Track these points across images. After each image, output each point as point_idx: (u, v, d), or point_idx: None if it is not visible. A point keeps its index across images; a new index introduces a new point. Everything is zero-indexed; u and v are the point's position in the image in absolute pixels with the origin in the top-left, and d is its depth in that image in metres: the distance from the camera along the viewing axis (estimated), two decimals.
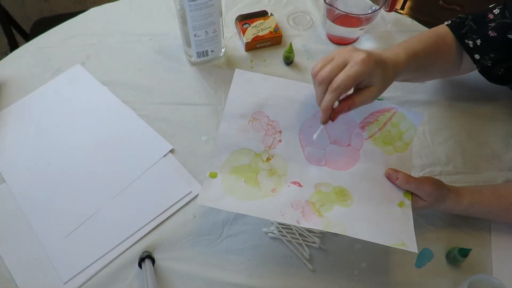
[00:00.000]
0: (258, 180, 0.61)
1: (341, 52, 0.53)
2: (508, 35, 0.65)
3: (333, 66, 0.52)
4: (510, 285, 0.55)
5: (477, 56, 0.68)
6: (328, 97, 0.52)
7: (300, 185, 0.60)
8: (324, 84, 0.53)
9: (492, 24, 0.66)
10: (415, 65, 0.62)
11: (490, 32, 0.66)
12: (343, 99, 0.55)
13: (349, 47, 0.54)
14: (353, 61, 0.51)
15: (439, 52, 0.68)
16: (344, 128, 0.63)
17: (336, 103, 0.54)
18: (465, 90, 0.80)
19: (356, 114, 0.63)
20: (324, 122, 0.55)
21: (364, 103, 0.55)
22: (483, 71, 0.71)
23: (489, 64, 0.69)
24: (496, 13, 0.66)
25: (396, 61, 0.57)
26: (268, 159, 0.62)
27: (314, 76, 0.55)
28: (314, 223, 0.56)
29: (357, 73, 0.51)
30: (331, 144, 0.63)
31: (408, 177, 0.59)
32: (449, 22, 0.71)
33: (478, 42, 0.67)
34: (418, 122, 0.62)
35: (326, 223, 0.56)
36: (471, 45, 0.68)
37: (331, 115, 0.55)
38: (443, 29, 0.70)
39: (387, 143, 0.63)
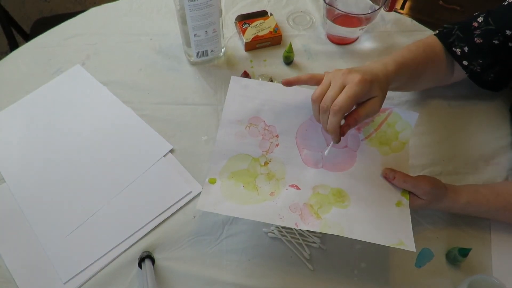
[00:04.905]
0: (256, 184, 0.61)
1: (336, 76, 0.55)
2: (494, 41, 0.67)
3: (332, 93, 0.54)
4: (510, 285, 0.55)
5: (465, 63, 0.70)
6: (333, 119, 0.53)
7: (298, 188, 0.61)
8: (329, 111, 0.54)
9: (477, 32, 0.68)
10: (406, 74, 0.64)
11: (476, 39, 0.68)
12: (348, 115, 0.56)
13: (342, 70, 0.56)
14: (351, 83, 0.53)
15: (428, 61, 0.69)
16: None
17: (342, 121, 0.55)
18: (464, 90, 0.80)
19: None
20: (337, 142, 0.56)
21: (370, 115, 0.56)
22: (473, 77, 0.72)
23: (478, 70, 0.70)
24: (480, 21, 0.69)
25: (385, 71, 0.59)
26: (266, 163, 0.62)
27: (315, 102, 0.56)
28: (312, 225, 0.56)
29: (356, 93, 0.53)
30: (328, 146, 0.63)
31: (405, 176, 0.60)
32: (437, 31, 0.72)
33: (466, 49, 0.69)
34: (413, 121, 0.63)
35: (324, 225, 0.56)
36: (459, 53, 0.69)
37: (340, 133, 0.56)
38: (431, 38, 0.72)
39: (383, 143, 0.63)
